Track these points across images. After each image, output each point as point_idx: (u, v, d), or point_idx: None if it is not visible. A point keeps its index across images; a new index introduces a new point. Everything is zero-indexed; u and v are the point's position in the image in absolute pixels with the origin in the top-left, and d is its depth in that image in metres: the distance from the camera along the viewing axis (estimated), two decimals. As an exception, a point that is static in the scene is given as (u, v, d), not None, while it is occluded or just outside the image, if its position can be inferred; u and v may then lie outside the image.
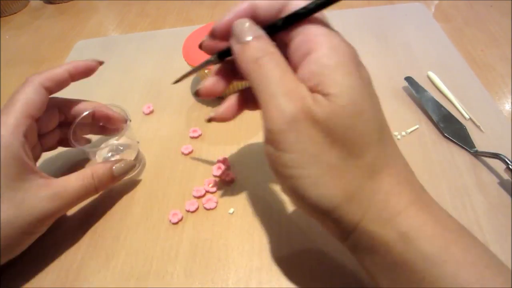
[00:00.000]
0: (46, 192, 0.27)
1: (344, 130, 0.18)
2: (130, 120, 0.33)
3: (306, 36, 0.19)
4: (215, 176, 0.34)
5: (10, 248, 0.26)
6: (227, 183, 0.33)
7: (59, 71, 0.30)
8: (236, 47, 0.20)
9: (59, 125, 0.34)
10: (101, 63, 0.34)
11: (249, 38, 0.19)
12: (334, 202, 0.18)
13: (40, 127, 0.31)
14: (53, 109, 0.32)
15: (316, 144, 0.18)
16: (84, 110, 0.33)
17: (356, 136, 0.18)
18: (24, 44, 0.61)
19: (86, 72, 0.33)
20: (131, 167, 0.32)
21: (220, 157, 0.35)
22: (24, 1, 0.72)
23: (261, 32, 0.20)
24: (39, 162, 0.34)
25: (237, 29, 0.20)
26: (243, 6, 0.21)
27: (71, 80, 0.32)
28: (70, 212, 0.33)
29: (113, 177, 0.31)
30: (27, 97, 0.28)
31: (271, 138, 0.19)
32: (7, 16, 0.69)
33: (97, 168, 0.30)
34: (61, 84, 0.31)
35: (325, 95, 0.18)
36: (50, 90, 0.30)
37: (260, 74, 0.19)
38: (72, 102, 0.34)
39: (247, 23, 0.20)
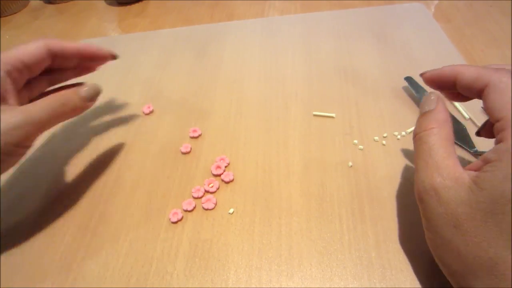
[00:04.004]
0: (12, 110, 0.27)
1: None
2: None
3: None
4: (214, 175, 0.34)
5: None
6: (226, 183, 0.34)
7: (69, 43, 0.32)
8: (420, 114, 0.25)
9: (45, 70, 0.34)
10: (114, 57, 0.35)
11: (424, 110, 0.24)
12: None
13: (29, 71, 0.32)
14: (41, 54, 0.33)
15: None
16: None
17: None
18: (24, 44, 0.61)
19: (94, 56, 0.34)
20: (96, 88, 0.33)
21: (219, 157, 0.36)
22: (24, 1, 0.72)
23: (433, 106, 0.24)
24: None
25: (424, 99, 0.25)
26: (449, 69, 0.25)
27: (76, 57, 0.33)
28: (70, 212, 0.33)
29: (79, 95, 0.31)
30: (26, 47, 0.30)
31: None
32: (7, 16, 0.69)
33: (65, 90, 0.31)
34: (65, 53, 0.32)
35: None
36: (51, 53, 0.31)
37: (416, 146, 0.23)
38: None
39: (432, 97, 0.25)
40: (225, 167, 0.35)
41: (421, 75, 0.27)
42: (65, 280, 0.29)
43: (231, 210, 0.31)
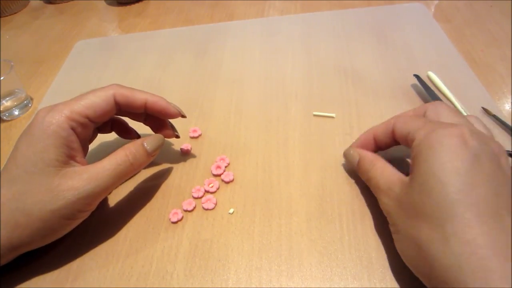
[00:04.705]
0: (81, 176, 0.27)
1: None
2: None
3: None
4: (214, 175, 0.34)
5: (51, 232, 0.27)
6: (226, 183, 0.33)
7: (139, 94, 0.31)
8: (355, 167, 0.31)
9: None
10: (183, 116, 0.34)
11: (355, 160, 0.30)
12: None
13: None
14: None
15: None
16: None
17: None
18: (24, 44, 0.61)
19: (161, 112, 0.32)
20: (161, 141, 0.32)
21: (219, 157, 0.36)
22: (24, 1, 0.72)
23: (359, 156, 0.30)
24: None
25: (348, 156, 0.32)
26: (367, 134, 0.31)
27: (144, 109, 0.32)
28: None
29: (146, 151, 0.30)
30: (94, 100, 0.29)
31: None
32: (7, 16, 0.69)
33: (128, 146, 0.30)
34: (133, 105, 0.31)
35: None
36: (120, 104, 0.31)
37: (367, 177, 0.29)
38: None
39: (351, 151, 0.31)
40: (225, 167, 0.35)
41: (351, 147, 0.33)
42: (65, 280, 0.28)
43: (231, 210, 0.31)
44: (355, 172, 0.33)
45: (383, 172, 0.27)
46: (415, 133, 0.25)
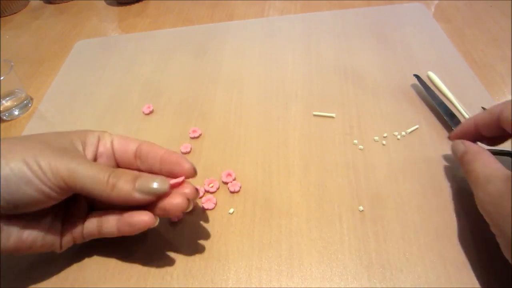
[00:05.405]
0: (65, 156, 0.24)
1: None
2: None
3: None
4: (224, 182, 0.34)
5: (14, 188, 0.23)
6: (231, 193, 0.33)
7: (158, 150, 0.28)
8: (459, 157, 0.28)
9: None
10: (193, 174, 0.27)
11: (461, 150, 0.28)
12: None
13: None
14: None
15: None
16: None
17: None
18: (24, 44, 0.61)
19: (173, 164, 0.27)
20: (158, 186, 0.25)
21: (227, 171, 0.34)
22: (24, 1, 0.72)
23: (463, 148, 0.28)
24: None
25: (455, 148, 0.29)
26: (468, 122, 0.29)
27: (159, 164, 0.27)
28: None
29: (132, 187, 0.24)
30: (129, 140, 0.29)
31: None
32: (7, 16, 0.69)
33: (120, 170, 0.26)
34: (150, 154, 0.28)
35: None
36: (142, 151, 0.28)
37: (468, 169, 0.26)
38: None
39: (460, 143, 0.29)
40: (233, 179, 0.34)
41: (449, 137, 0.32)
42: (65, 280, 0.28)
43: (231, 210, 0.31)
44: (355, 171, 0.33)
45: (487, 165, 0.25)
46: None
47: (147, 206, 0.25)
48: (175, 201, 0.25)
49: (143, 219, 0.25)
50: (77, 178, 0.24)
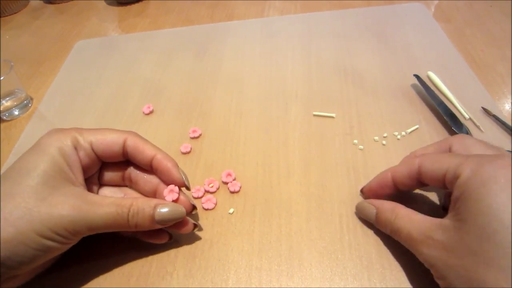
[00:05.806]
0: (73, 200, 0.24)
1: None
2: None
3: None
4: (224, 182, 0.34)
5: (23, 247, 0.23)
6: (231, 192, 0.33)
7: (149, 148, 0.28)
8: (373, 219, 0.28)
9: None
10: (187, 188, 0.29)
11: (373, 214, 0.28)
12: None
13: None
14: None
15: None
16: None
17: None
18: (24, 44, 0.61)
19: (165, 172, 0.28)
20: (177, 214, 0.26)
21: (226, 171, 0.34)
22: (24, 1, 0.72)
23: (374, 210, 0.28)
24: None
25: (365, 212, 0.29)
26: (384, 175, 0.28)
27: (149, 165, 0.28)
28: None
29: (152, 218, 0.26)
30: (104, 133, 0.28)
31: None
32: (7, 16, 0.69)
33: (139, 201, 0.26)
34: (139, 156, 0.28)
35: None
36: (127, 151, 0.28)
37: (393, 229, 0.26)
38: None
39: (365, 204, 0.29)
40: (233, 179, 0.34)
41: (361, 191, 0.31)
42: (66, 280, 0.28)
43: (231, 210, 0.31)
44: (355, 171, 0.33)
45: (411, 220, 0.24)
46: (457, 170, 0.22)
47: None
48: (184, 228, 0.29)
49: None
50: (98, 230, 0.25)
